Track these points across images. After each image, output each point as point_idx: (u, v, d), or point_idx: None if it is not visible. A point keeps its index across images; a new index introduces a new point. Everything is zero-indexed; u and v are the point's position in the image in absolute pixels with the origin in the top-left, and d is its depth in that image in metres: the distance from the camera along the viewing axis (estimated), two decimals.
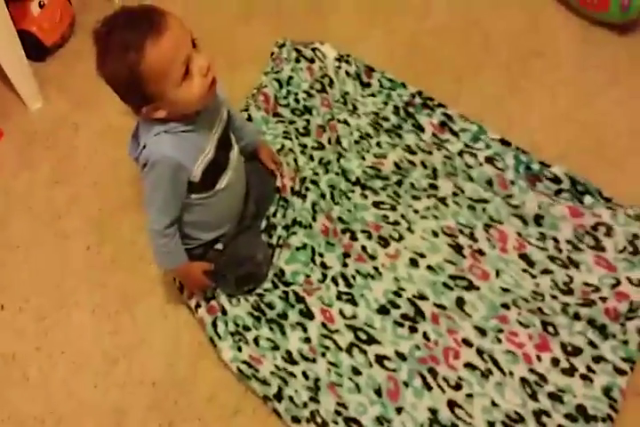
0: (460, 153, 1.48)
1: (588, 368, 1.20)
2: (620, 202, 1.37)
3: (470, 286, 1.32)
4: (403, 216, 1.43)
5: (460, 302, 1.30)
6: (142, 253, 1.53)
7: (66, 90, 1.86)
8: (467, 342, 1.26)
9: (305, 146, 1.52)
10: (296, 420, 1.23)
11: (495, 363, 1.23)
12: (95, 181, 1.67)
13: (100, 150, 1.73)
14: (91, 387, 1.38)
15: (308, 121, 1.55)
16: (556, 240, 1.34)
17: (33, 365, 1.42)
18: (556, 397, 1.18)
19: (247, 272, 1.38)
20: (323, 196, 1.46)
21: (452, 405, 1.20)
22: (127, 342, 1.43)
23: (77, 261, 1.56)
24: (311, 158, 1.51)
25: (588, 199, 1.37)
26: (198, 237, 1.33)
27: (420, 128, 1.54)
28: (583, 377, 1.20)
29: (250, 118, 1.58)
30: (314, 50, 1.65)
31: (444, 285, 1.33)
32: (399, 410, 1.21)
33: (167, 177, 1.14)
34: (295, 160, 1.50)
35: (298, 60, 1.64)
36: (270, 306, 1.36)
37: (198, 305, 1.37)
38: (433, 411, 1.20)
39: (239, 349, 1.31)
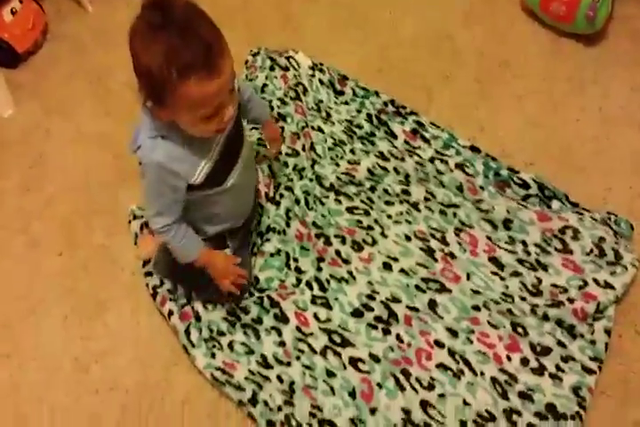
0: (432, 159, 1.53)
1: (558, 368, 1.25)
2: (586, 206, 1.44)
3: (442, 289, 1.37)
4: (376, 221, 1.47)
5: (432, 305, 1.35)
6: (115, 258, 1.56)
7: (38, 96, 1.88)
8: (439, 344, 1.30)
9: (279, 152, 1.55)
10: (271, 424, 1.25)
11: (467, 363, 1.27)
12: (67, 186, 1.69)
13: (72, 156, 1.75)
14: (63, 394, 1.39)
15: (282, 128, 1.58)
16: (524, 244, 1.40)
17: (3, 372, 1.43)
18: (526, 396, 1.23)
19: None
20: (297, 201, 1.50)
21: (424, 405, 1.24)
22: (99, 348, 1.44)
23: (49, 267, 1.57)
24: (285, 165, 1.54)
25: (555, 204, 1.44)
26: (202, 230, 1.30)
27: (392, 135, 1.59)
28: (552, 376, 1.25)
29: None
30: (288, 58, 1.70)
31: (417, 287, 1.37)
32: (373, 411, 1.25)
33: (162, 182, 1.11)
34: (269, 167, 1.53)
35: (272, 68, 1.68)
36: (245, 311, 1.39)
37: (171, 313, 1.39)
38: (406, 411, 1.24)
39: (213, 355, 1.34)
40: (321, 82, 1.68)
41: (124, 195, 1.63)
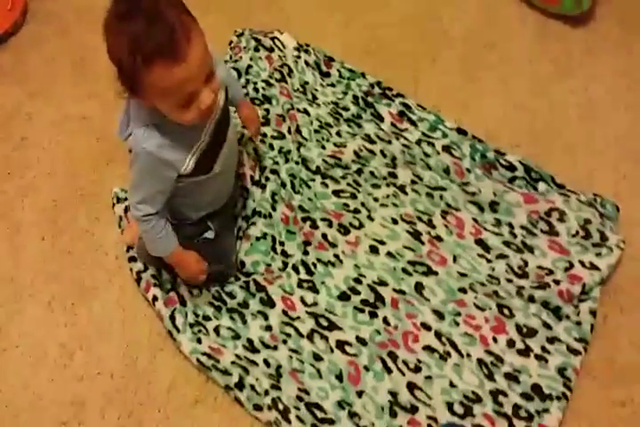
0: (419, 142, 1.52)
1: (543, 349, 1.26)
2: (573, 188, 1.44)
3: (429, 272, 1.37)
4: (363, 204, 1.47)
5: (418, 287, 1.35)
6: (99, 243, 1.54)
7: (19, 80, 1.84)
8: (425, 326, 1.31)
9: (264, 135, 1.55)
10: (258, 407, 1.26)
11: (453, 345, 1.28)
12: (49, 171, 1.67)
13: (55, 140, 1.72)
14: (47, 380, 1.39)
15: (267, 110, 1.57)
16: (510, 226, 1.40)
17: None
18: (512, 377, 1.24)
19: (219, 271, 1.40)
20: (283, 185, 1.49)
21: (411, 387, 1.25)
22: (84, 334, 1.43)
23: (32, 253, 1.55)
24: (271, 147, 1.53)
25: (541, 186, 1.44)
26: (186, 215, 1.31)
27: (379, 118, 1.58)
28: (538, 357, 1.26)
29: None
30: (273, 39, 1.68)
31: (404, 270, 1.37)
32: (360, 394, 1.25)
33: (152, 172, 1.12)
34: (255, 149, 1.52)
35: (257, 49, 1.66)
36: (231, 295, 1.39)
37: (155, 298, 1.39)
38: (393, 394, 1.25)
39: (198, 340, 1.34)
40: (307, 63, 1.66)
41: (108, 178, 1.62)
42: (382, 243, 1.41)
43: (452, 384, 1.25)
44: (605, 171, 1.52)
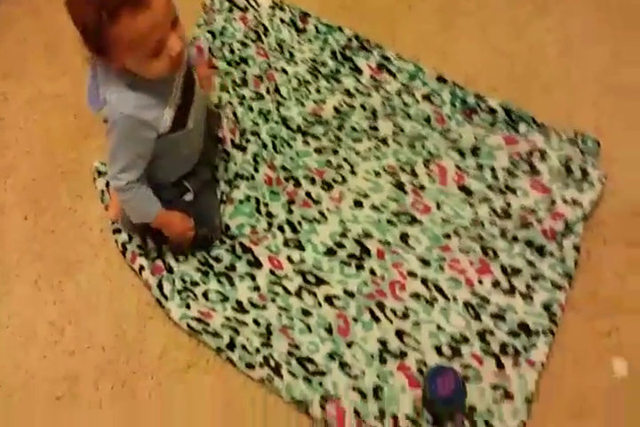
0: (398, 93, 1.82)
1: (528, 287, 1.54)
2: (554, 127, 1.72)
3: (413, 221, 1.66)
4: (345, 159, 1.76)
5: (403, 237, 1.64)
6: (82, 219, 1.84)
7: None
8: (412, 274, 1.59)
9: (243, 97, 1.85)
10: (250, 366, 1.54)
11: (439, 290, 1.57)
12: (27, 150, 1.97)
13: (31, 119, 2.03)
14: (39, 358, 1.67)
15: (244, 72, 1.87)
16: (493, 169, 1.68)
17: None
18: (498, 316, 1.53)
19: (203, 235, 1.67)
20: (264, 146, 1.79)
21: (400, 334, 1.53)
22: (73, 309, 1.72)
23: (16, 233, 1.85)
24: (250, 109, 1.83)
25: (522, 127, 1.72)
26: (164, 178, 1.59)
27: (358, 71, 1.87)
28: (523, 296, 1.54)
29: None
30: None
31: (388, 222, 1.66)
32: (350, 344, 1.54)
33: (131, 136, 1.37)
34: (234, 113, 1.82)
35: (230, 10, 1.97)
36: (217, 259, 1.68)
37: (142, 268, 1.67)
38: (382, 342, 1.53)
39: (187, 306, 1.62)
40: (282, 21, 1.96)
41: (87, 154, 1.91)
42: (366, 196, 1.70)
43: (439, 328, 1.53)
44: (585, 107, 1.80)
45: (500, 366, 1.47)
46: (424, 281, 1.58)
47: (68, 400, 1.61)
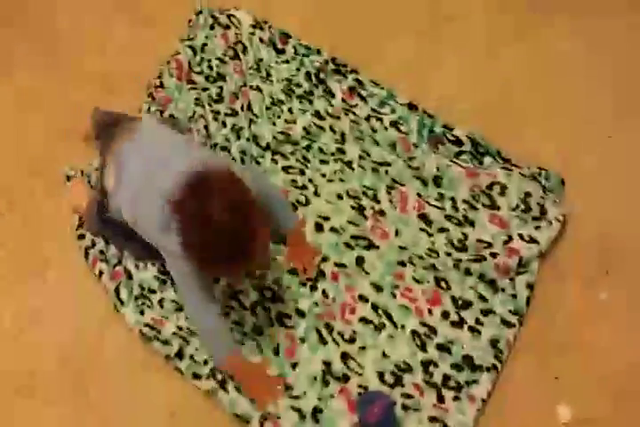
0: (368, 118, 1.65)
1: (477, 321, 1.38)
2: (520, 161, 1.54)
3: (370, 246, 1.49)
4: (310, 180, 1.59)
5: (359, 261, 1.47)
6: (53, 218, 1.69)
7: None
8: (363, 298, 1.43)
9: (218, 112, 1.69)
10: (197, 376, 1.39)
11: (389, 317, 1.41)
12: (4, 148, 1.82)
13: (9, 116, 1.87)
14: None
15: (221, 88, 1.72)
16: (453, 200, 1.52)
17: None
18: (444, 348, 1.36)
19: None
20: (233, 160, 1.61)
21: (345, 357, 1.38)
22: (38, 305, 1.58)
23: None
24: (224, 125, 1.68)
25: (487, 160, 1.55)
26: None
27: (330, 94, 1.71)
28: (471, 329, 1.37)
29: (162, 85, 1.74)
30: (229, 16, 1.82)
31: (346, 245, 1.50)
32: (294, 365, 1.38)
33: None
34: (206, 127, 1.67)
35: (212, 27, 1.81)
36: None
37: (101, 273, 1.53)
38: (327, 363, 1.37)
39: (142, 312, 1.48)
40: (261, 40, 1.80)
41: (62, 155, 1.75)
42: (326, 219, 1.54)
43: (384, 354, 1.37)
44: (556, 141, 1.61)
45: (440, 398, 1.31)
46: (374, 307, 1.42)
47: (27, 393, 1.48)
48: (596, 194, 1.53)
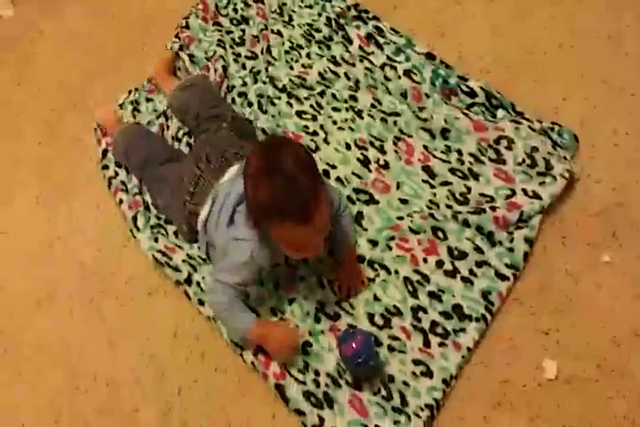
0: (382, 66, 1.47)
1: (471, 272, 1.24)
2: (536, 116, 1.33)
3: (370, 200, 1.34)
4: (322, 126, 1.45)
5: (358, 217, 1.32)
6: (85, 149, 1.62)
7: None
8: (359, 258, 1.27)
9: (239, 55, 1.55)
10: (202, 303, 1.30)
11: (384, 267, 1.26)
12: (52, 84, 1.75)
13: (61, 56, 1.79)
14: (25, 266, 1.48)
15: (243, 31, 1.57)
16: (459, 153, 1.35)
17: None
18: (435, 295, 1.23)
19: None
20: (249, 104, 1.49)
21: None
22: (62, 228, 1.53)
23: (29, 154, 1.66)
24: (243, 67, 1.54)
25: (500, 113, 1.37)
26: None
27: (348, 40, 1.53)
28: (464, 279, 1.23)
29: (187, 26, 1.60)
30: None
31: (348, 198, 1.34)
32: (291, 301, 1.28)
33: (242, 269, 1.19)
34: (224, 67, 1.53)
35: None
36: None
37: (121, 201, 1.46)
38: (322, 303, 1.26)
39: (156, 240, 1.40)
40: None
41: (100, 93, 1.68)
42: (334, 167, 1.39)
43: (376, 297, 1.25)
44: (575, 101, 1.38)
45: (426, 343, 1.19)
46: (370, 263, 1.27)
47: (47, 305, 1.43)
48: (612, 159, 1.30)
